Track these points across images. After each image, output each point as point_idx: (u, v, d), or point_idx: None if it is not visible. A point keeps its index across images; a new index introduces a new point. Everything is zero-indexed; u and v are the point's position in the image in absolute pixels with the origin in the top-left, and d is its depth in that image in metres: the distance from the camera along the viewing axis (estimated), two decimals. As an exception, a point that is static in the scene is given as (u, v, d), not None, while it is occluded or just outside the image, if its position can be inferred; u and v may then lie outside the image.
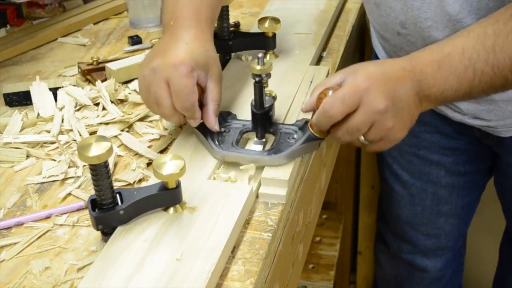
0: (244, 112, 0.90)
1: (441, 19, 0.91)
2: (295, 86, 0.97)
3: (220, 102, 0.85)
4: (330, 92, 0.77)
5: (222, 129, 0.86)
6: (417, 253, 1.42)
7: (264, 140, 0.85)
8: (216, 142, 0.83)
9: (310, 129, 0.81)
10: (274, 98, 0.87)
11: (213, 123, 0.83)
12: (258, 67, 0.81)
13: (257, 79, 0.82)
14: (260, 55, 0.81)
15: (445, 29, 0.92)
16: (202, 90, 0.84)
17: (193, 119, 0.83)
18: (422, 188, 1.31)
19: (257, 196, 0.79)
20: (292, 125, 0.87)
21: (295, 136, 0.84)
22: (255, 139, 0.86)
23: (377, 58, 1.23)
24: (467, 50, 0.76)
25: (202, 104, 0.84)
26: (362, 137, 0.78)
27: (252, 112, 0.85)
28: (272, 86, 0.96)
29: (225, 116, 0.88)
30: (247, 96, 0.94)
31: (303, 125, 0.85)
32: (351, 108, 0.75)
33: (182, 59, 0.80)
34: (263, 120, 0.85)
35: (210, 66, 0.83)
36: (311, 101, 0.81)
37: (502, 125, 1.05)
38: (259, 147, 0.84)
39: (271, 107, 0.85)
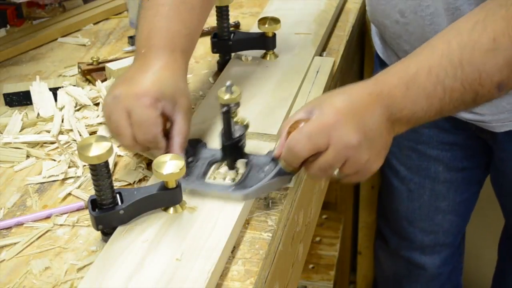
0: (244, 111, 0.90)
1: (442, 5, 0.91)
2: (295, 86, 0.97)
3: (188, 135, 0.80)
4: (302, 124, 0.72)
5: (190, 159, 0.80)
6: (415, 250, 1.42)
7: (234, 170, 0.79)
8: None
9: (281, 163, 0.75)
10: (246, 127, 0.80)
11: None
12: (226, 96, 0.76)
13: (224, 109, 0.76)
14: (228, 83, 0.76)
15: (446, 17, 0.91)
16: (169, 122, 0.79)
17: (157, 150, 0.78)
18: (420, 184, 1.32)
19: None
20: (265, 156, 0.80)
21: (266, 168, 0.78)
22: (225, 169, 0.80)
23: (377, 56, 1.23)
24: (433, 68, 0.72)
25: (168, 137, 0.79)
26: (336, 171, 0.74)
27: (221, 143, 0.80)
28: (271, 87, 0.97)
29: (193, 145, 0.82)
30: (248, 96, 0.94)
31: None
32: (319, 146, 0.71)
33: (146, 89, 0.76)
34: (233, 151, 0.79)
35: (178, 97, 0.79)
36: (281, 141, 0.75)
37: (496, 120, 1.05)
38: (228, 179, 0.78)
39: (241, 137, 0.79)
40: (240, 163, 0.79)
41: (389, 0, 0.98)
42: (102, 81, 1.04)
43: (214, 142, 0.85)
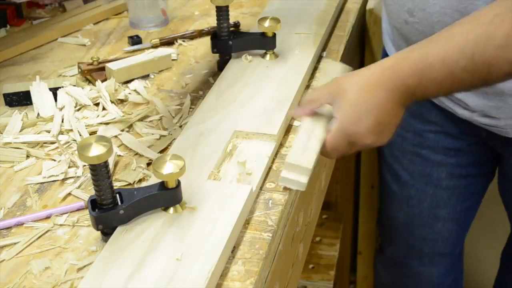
0: (244, 111, 0.91)
1: (448, 4, 0.91)
2: (295, 86, 0.97)
3: None
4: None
5: None
6: (413, 259, 1.40)
7: None
8: None
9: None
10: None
11: None
12: None
13: None
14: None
15: (454, 13, 0.92)
16: None
17: None
18: (421, 190, 1.30)
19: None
20: None
21: None
22: None
23: (386, 55, 1.22)
24: (447, 59, 0.76)
25: None
26: None
27: None
28: (271, 87, 0.97)
29: None
30: (248, 96, 0.94)
31: None
32: (344, 149, 0.84)
33: None
34: None
35: None
36: (301, 110, 0.88)
37: (511, 125, 1.04)
38: None
39: None
40: None
41: (397, 1, 0.98)
42: (102, 81, 1.04)
43: (213, 143, 0.85)
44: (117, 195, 0.71)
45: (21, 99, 1.01)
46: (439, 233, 1.35)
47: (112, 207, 0.70)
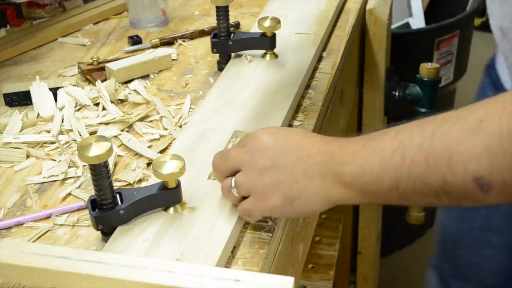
0: (244, 111, 0.91)
1: None
2: (295, 86, 0.97)
3: None
4: None
5: None
6: (456, 280, 1.24)
7: None
8: None
9: None
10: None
11: None
12: None
13: None
14: None
15: None
16: None
17: None
18: (473, 207, 1.12)
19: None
20: None
21: None
22: None
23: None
24: (401, 132, 0.61)
25: None
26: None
27: None
28: (271, 87, 0.97)
29: None
30: (248, 96, 0.94)
31: None
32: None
33: None
34: None
35: None
36: None
37: None
38: None
39: None
40: None
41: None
42: (102, 81, 1.04)
43: (214, 143, 0.85)
44: (117, 195, 0.72)
45: (21, 99, 1.01)
46: (488, 262, 1.17)
47: (112, 207, 0.70)
